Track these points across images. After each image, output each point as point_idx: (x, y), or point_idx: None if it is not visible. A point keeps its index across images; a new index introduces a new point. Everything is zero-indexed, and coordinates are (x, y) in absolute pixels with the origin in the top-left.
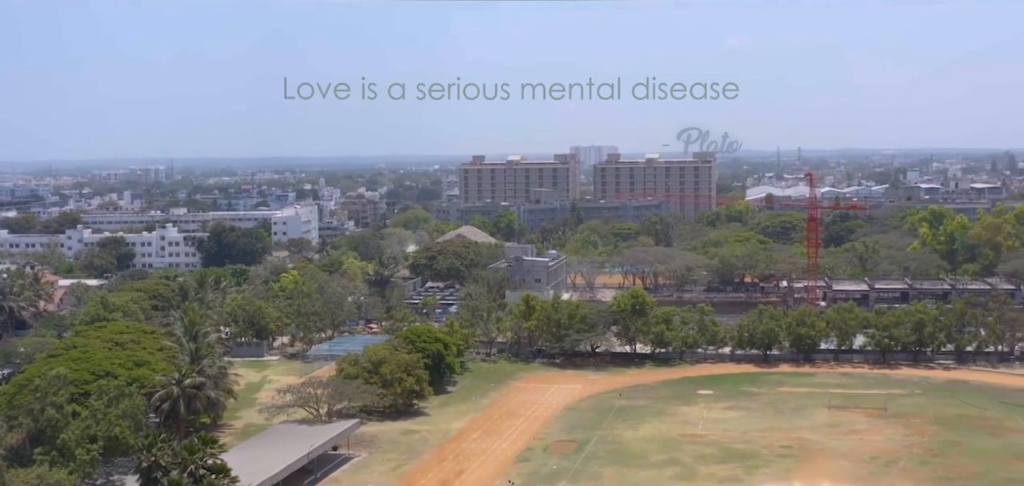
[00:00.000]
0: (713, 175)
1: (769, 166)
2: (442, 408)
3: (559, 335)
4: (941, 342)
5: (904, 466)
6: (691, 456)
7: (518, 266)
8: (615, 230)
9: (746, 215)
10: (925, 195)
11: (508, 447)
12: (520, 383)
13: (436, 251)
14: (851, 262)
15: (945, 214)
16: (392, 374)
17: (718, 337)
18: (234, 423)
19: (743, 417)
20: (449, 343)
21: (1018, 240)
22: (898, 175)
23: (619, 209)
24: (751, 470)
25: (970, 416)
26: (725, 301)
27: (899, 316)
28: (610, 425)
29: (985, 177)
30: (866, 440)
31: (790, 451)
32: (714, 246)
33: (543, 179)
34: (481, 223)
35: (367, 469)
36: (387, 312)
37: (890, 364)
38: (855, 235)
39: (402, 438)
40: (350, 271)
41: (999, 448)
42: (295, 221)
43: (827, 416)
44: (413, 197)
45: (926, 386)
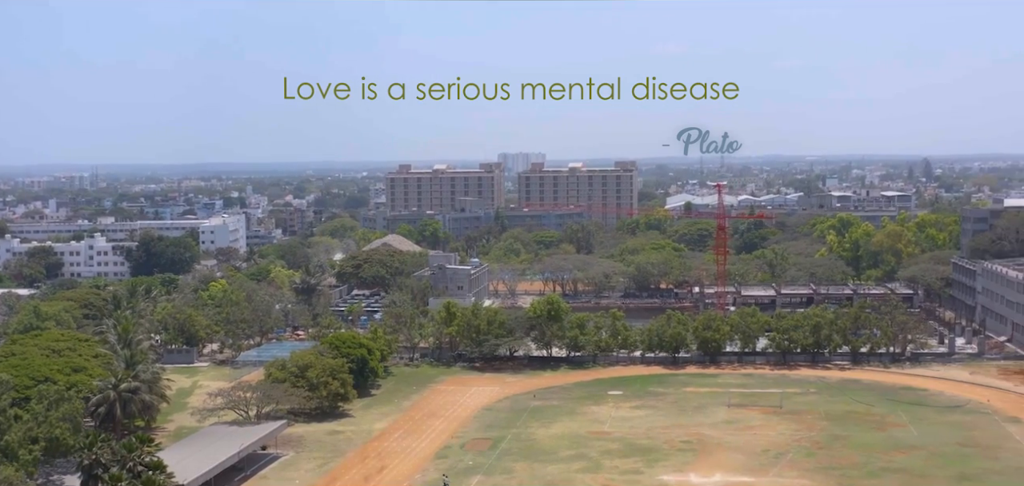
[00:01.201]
0: (634, 184)
1: (693, 173)
2: (366, 410)
3: (478, 340)
4: (837, 344)
5: (791, 458)
6: (598, 451)
7: (441, 274)
8: (538, 238)
9: (665, 223)
10: (837, 203)
11: (427, 445)
12: (441, 386)
13: (362, 260)
14: (761, 268)
15: (853, 222)
16: (318, 378)
17: (630, 341)
18: (167, 425)
19: (648, 415)
20: (373, 348)
21: (918, 247)
22: (817, 182)
23: (542, 217)
24: (652, 463)
25: (857, 412)
26: (640, 307)
27: (798, 320)
28: (524, 424)
29: (902, 184)
30: (760, 435)
31: (689, 445)
32: (631, 254)
33: (469, 188)
34: (407, 231)
35: (294, 467)
36: (313, 319)
37: (790, 365)
38: (768, 242)
39: (327, 438)
40: (277, 279)
41: (880, 440)
42: (223, 230)
43: (726, 414)
44: (341, 205)
45: (821, 385)
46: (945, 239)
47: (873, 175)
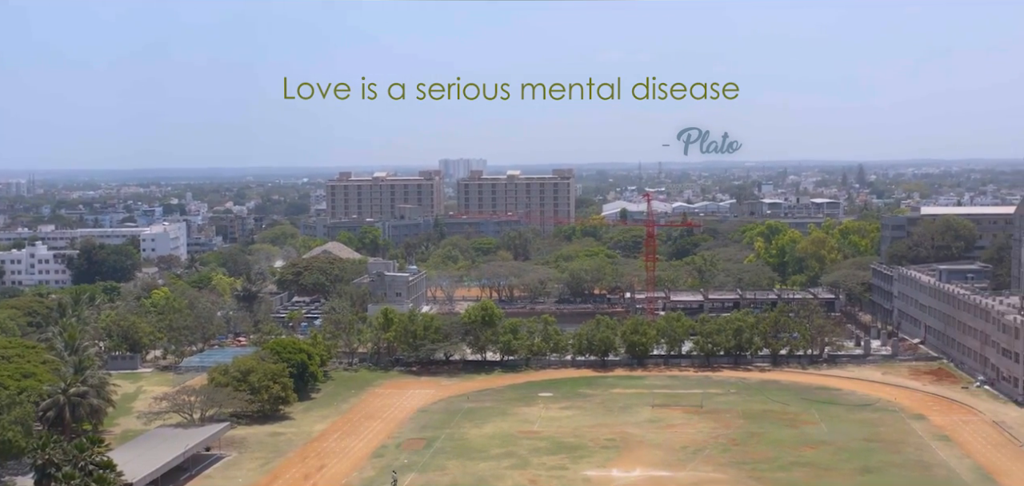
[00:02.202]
0: (572, 191)
1: (632, 179)
2: (306, 413)
3: (415, 345)
4: (758, 347)
5: (708, 453)
6: (526, 449)
7: (380, 281)
8: (476, 245)
9: (600, 230)
10: (768, 210)
11: (365, 446)
12: (379, 389)
13: (302, 267)
14: (691, 274)
15: (780, 228)
16: (260, 382)
17: (561, 345)
18: (113, 429)
19: (576, 415)
20: (313, 354)
21: (841, 253)
22: (753, 188)
23: (481, 225)
24: (577, 459)
25: (773, 411)
26: (574, 312)
27: (721, 324)
28: (458, 424)
29: (835, 190)
30: (680, 433)
31: (613, 443)
32: (566, 260)
33: (408, 195)
34: (347, 239)
35: (237, 467)
36: (255, 326)
37: (713, 367)
38: (699, 248)
39: (269, 439)
40: (219, 287)
41: (792, 437)
42: (164, 238)
43: (650, 413)
44: (281, 212)
45: (741, 386)
46: (867, 245)
47: (808, 181)
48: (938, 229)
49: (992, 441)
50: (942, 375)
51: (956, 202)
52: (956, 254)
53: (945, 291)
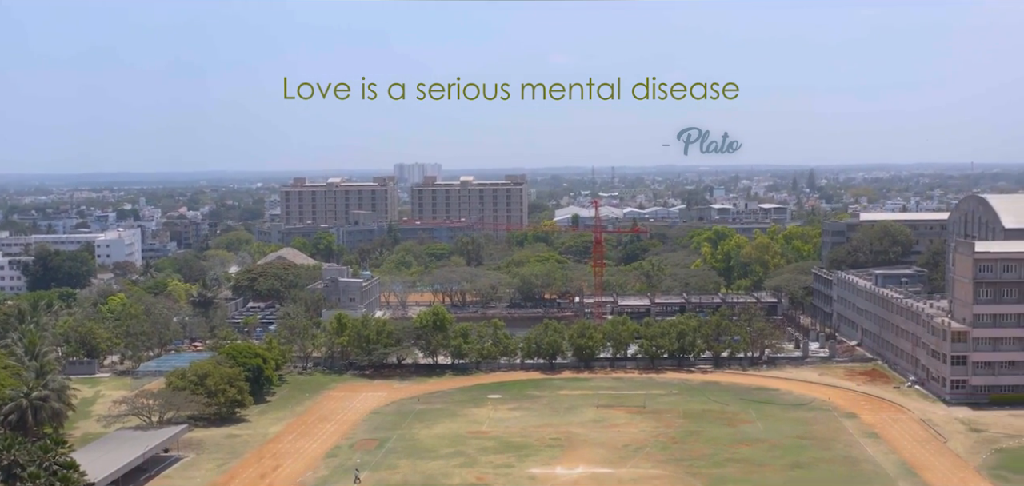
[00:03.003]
0: (524, 196)
1: (586, 184)
2: (261, 415)
3: (368, 349)
4: (701, 349)
5: (648, 451)
6: (475, 449)
7: (334, 286)
8: (429, 251)
9: (552, 236)
10: (716, 215)
11: (319, 446)
12: (332, 392)
13: (257, 273)
14: (639, 279)
15: (727, 234)
16: (216, 386)
17: (510, 348)
18: (73, 432)
19: (523, 416)
20: (268, 358)
21: (784, 258)
22: (705, 193)
23: (434, 230)
24: (522, 458)
25: (713, 411)
26: (525, 316)
27: (665, 327)
28: (409, 426)
29: (785, 195)
30: (623, 432)
31: (558, 442)
32: (517, 266)
33: (362, 201)
34: (301, 244)
35: (195, 467)
36: (211, 331)
37: (657, 369)
38: (648, 253)
39: (226, 441)
40: (175, 293)
41: (729, 435)
42: (119, 244)
43: (595, 413)
44: (236, 217)
45: (683, 387)
46: (809, 250)
47: (759, 186)
48: (876, 235)
49: (918, 438)
50: (876, 376)
51: (902, 207)
52: (893, 259)
53: (880, 295)
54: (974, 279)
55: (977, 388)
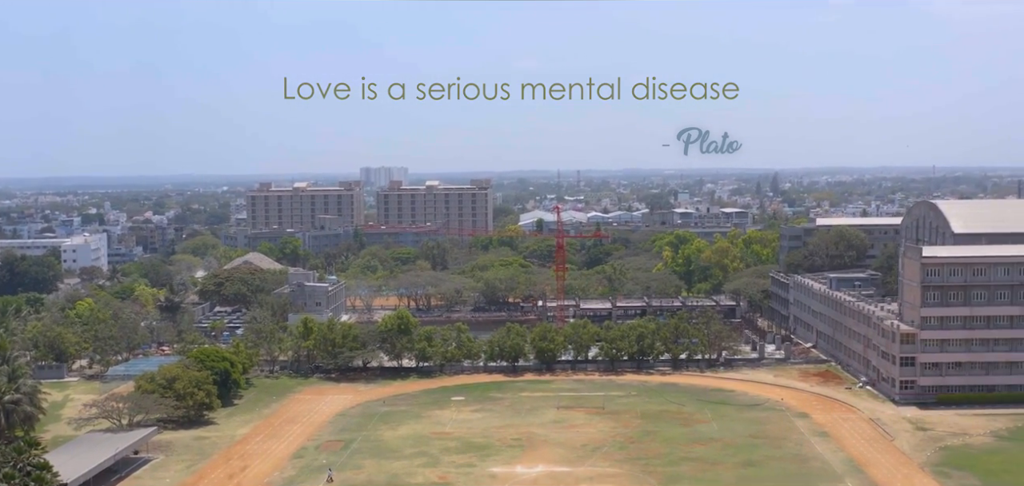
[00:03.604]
0: (490, 201)
1: (552, 188)
2: (229, 418)
3: (334, 353)
4: (660, 352)
5: (606, 451)
6: (438, 449)
7: (300, 291)
8: (395, 255)
9: (516, 240)
10: (679, 219)
11: (286, 448)
12: (299, 395)
13: (224, 278)
14: (601, 283)
15: (688, 238)
16: (185, 389)
17: (474, 351)
18: (44, 435)
19: (486, 417)
20: (235, 362)
21: (743, 262)
22: (669, 197)
23: (400, 235)
24: (484, 458)
25: (669, 411)
26: (489, 320)
27: (625, 330)
28: (374, 427)
29: (749, 198)
30: (582, 432)
31: (519, 442)
32: (482, 270)
33: (328, 205)
34: (267, 249)
35: (165, 468)
36: (178, 335)
37: (617, 371)
38: (611, 257)
39: (194, 443)
40: (142, 297)
41: (684, 435)
42: (85, 249)
43: (555, 414)
44: (202, 221)
45: (642, 388)
46: (768, 254)
47: (724, 189)
48: (832, 239)
49: (866, 436)
50: (829, 377)
51: (862, 211)
52: (848, 263)
53: (833, 298)
54: (922, 283)
55: (925, 388)
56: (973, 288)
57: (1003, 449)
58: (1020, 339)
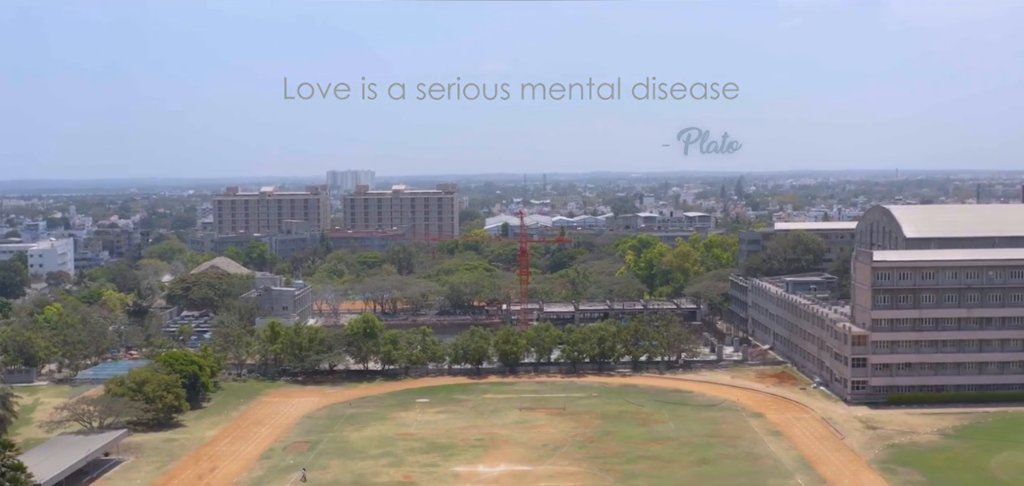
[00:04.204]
0: (455, 205)
1: (519, 191)
2: (198, 420)
3: (301, 356)
4: (620, 354)
5: (566, 450)
6: (402, 449)
7: (267, 295)
8: (361, 259)
9: (482, 244)
10: (642, 223)
11: (254, 449)
12: (266, 398)
13: (191, 282)
14: (565, 286)
15: (651, 242)
16: (154, 392)
17: (438, 354)
18: (16, 438)
19: (449, 418)
20: (204, 365)
21: (703, 266)
22: (635, 201)
23: (366, 240)
24: (447, 457)
25: (628, 411)
26: (454, 323)
27: (586, 333)
28: (340, 429)
29: (713, 202)
30: (543, 432)
31: (481, 442)
32: (447, 274)
33: (295, 210)
34: (234, 253)
35: (135, 470)
36: (147, 339)
37: (579, 373)
38: (575, 261)
39: (164, 445)
40: (110, 302)
41: (643, 434)
42: (52, 254)
43: (517, 415)
44: (168, 225)
45: (602, 390)
46: (728, 258)
47: (689, 193)
48: (789, 243)
49: (818, 435)
50: (785, 378)
51: (824, 215)
52: (806, 266)
53: (789, 301)
54: (872, 286)
55: (876, 388)
56: (922, 291)
57: (948, 447)
58: (967, 341)
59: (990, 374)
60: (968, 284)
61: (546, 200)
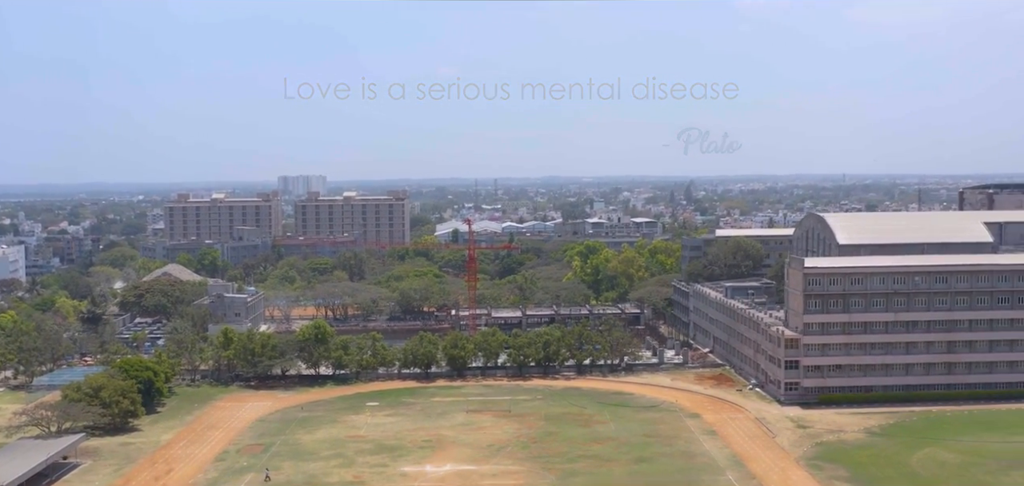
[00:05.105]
0: (406, 211)
1: (470, 196)
2: (153, 425)
3: (254, 362)
4: (565, 358)
5: (510, 450)
6: (353, 450)
7: (220, 302)
8: (313, 265)
9: (432, 251)
10: (590, 229)
11: (208, 452)
12: (220, 403)
13: (144, 289)
14: (513, 292)
15: (597, 248)
16: (110, 397)
17: (388, 359)
18: None
19: (398, 421)
20: (158, 371)
21: (648, 271)
22: (585, 205)
23: (318, 246)
24: (396, 458)
25: (571, 413)
26: (404, 328)
27: (532, 337)
28: (292, 432)
29: (663, 206)
30: (488, 433)
31: (429, 443)
32: (397, 280)
33: (246, 216)
34: (186, 260)
35: (93, 472)
36: (101, 346)
37: (525, 376)
38: (524, 267)
39: (121, 448)
40: (63, 309)
41: (583, 434)
42: (3, 262)
43: (464, 417)
44: (118, 231)
45: (547, 392)
46: (672, 264)
47: (639, 198)
48: (730, 250)
49: (750, 434)
50: (722, 380)
51: (769, 220)
52: (745, 272)
53: (728, 305)
54: (804, 291)
55: (808, 389)
56: (851, 296)
57: (873, 444)
58: (894, 343)
59: (916, 375)
60: (895, 289)
61: (497, 205)
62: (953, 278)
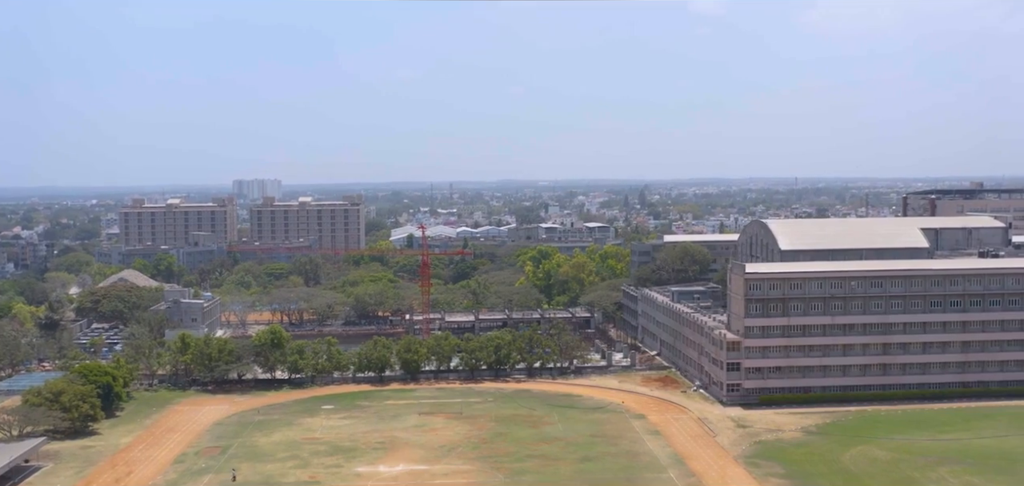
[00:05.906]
0: (362, 217)
1: (426, 200)
2: (113, 428)
3: (211, 366)
4: (516, 361)
5: (461, 451)
6: (308, 452)
7: (176, 308)
8: (269, 271)
9: (387, 256)
10: (544, 234)
11: (167, 454)
12: (178, 407)
13: (100, 295)
14: (466, 296)
15: (549, 253)
16: (70, 402)
17: (343, 363)
18: None
19: (353, 423)
20: (117, 376)
21: (599, 276)
22: (540, 210)
23: (273, 252)
24: (350, 459)
25: (521, 414)
26: (359, 333)
27: (483, 341)
28: (249, 434)
29: (617, 210)
30: (440, 434)
31: (383, 445)
32: (352, 285)
33: (202, 221)
34: (142, 266)
35: (55, 475)
36: (59, 352)
37: (477, 379)
38: (478, 272)
39: (81, 451)
40: (20, 315)
41: (532, 435)
42: None
43: (417, 420)
44: (72, 236)
45: (498, 395)
46: (622, 268)
47: (594, 202)
48: (677, 255)
49: (693, 433)
50: (668, 382)
51: (720, 224)
52: (692, 277)
53: (674, 309)
54: (746, 296)
55: (749, 390)
56: (791, 300)
57: (809, 442)
58: (832, 346)
59: (852, 376)
60: (833, 293)
61: (453, 210)
62: (888, 283)
